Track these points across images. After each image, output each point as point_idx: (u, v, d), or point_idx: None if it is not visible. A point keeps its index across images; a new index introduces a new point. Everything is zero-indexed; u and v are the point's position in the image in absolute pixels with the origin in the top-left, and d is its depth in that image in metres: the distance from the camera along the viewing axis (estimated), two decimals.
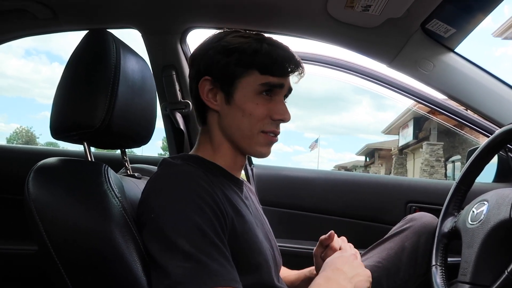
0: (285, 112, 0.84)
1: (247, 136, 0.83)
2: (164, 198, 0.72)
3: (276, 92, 0.84)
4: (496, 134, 1.04)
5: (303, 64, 0.87)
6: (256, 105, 0.82)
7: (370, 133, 65.23)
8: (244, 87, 0.82)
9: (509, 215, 0.86)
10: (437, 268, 1.05)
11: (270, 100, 0.83)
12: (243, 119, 0.82)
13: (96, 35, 0.88)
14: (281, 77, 0.83)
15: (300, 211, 1.66)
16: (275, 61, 0.81)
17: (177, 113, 1.43)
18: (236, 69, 0.82)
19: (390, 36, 1.20)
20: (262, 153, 0.86)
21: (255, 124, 0.82)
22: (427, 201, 1.56)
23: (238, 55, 0.81)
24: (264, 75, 0.81)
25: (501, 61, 50.29)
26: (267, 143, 0.85)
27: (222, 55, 0.82)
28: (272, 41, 0.84)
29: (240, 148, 0.86)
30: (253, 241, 0.80)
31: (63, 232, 0.71)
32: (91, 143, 0.88)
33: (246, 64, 0.81)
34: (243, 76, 0.82)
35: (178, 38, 1.35)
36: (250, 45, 0.81)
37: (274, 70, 0.81)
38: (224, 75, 0.83)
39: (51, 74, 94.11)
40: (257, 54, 0.81)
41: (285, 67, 0.82)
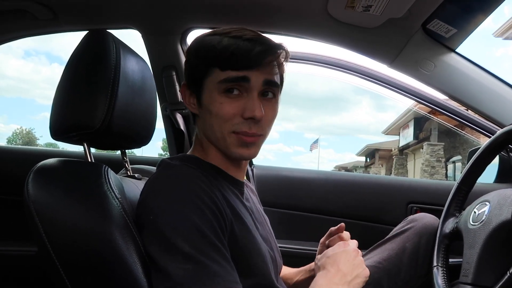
0: (255, 108, 0.75)
1: (220, 138, 0.80)
2: (163, 199, 0.71)
3: (247, 88, 0.76)
4: (497, 135, 1.03)
5: (278, 54, 0.78)
6: (220, 105, 0.77)
7: (371, 133, 65.24)
8: (209, 88, 0.78)
9: (510, 216, 0.86)
10: (438, 269, 1.04)
11: (240, 98, 0.77)
12: (211, 121, 0.79)
13: (96, 36, 0.87)
14: (243, 70, 0.75)
15: (300, 211, 1.66)
16: (232, 52, 0.74)
17: (177, 114, 1.43)
18: (200, 69, 0.78)
19: (391, 36, 1.20)
20: (239, 154, 0.80)
21: (223, 125, 0.77)
22: (428, 202, 1.55)
23: (201, 54, 0.78)
24: (224, 71, 0.75)
25: (502, 61, 50.32)
26: (241, 144, 0.79)
27: (192, 57, 0.81)
28: (237, 34, 0.76)
29: (220, 150, 0.83)
30: (252, 244, 0.80)
31: (63, 233, 0.71)
32: (91, 144, 0.87)
33: (208, 63, 0.77)
34: (207, 76, 0.78)
35: (178, 38, 1.34)
36: (210, 42, 0.77)
37: (233, 64, 0.74)
38: (193, 77, 0.81)
39: (51, 74, 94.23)
40: (214, 49, 0.75)
41: (245, 58, 0.74)
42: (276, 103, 0.83)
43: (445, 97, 1.34)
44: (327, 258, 0.81)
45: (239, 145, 0.79)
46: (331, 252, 0.82)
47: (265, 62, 0.76)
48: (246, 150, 0.80)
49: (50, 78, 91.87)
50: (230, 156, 0.83)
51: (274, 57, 0.78)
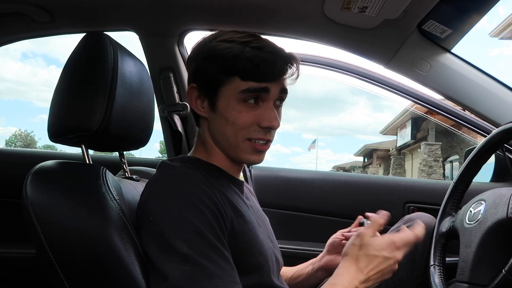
0: (273, 119, 0.80)
1: (233, 144, 0.81)
2: (162, 201, 0.72)
3: (264, 98, 0.80)
4: (493, 134, 1.04)
5: (296, 64, 0.82)
6: (238, 113, 0.78)
7: (368, 133, 65.31)
8: (226, 95, 0.79)
9: (506, 215, 0.87)
10: (435, 268, 1.05)
11: (257, 107, 0.80)
12: (227, 127, 0.80)
13: (93, 38, 0.88)
14: (264, 81, 0.78)
15: (298, 212, 1.66)
16: (256, 65, 0.76)
17: (175, 115, 1.43)
18: (217, 76, 0.79)
19: (387, 37, 1.21)
20: (250, 160, 0.83)
21: (239, 132, 0.80)
22: (425, 201, 1.56)
23: (219, 62, 0.78)
24: (245, 81, 0.77)
25: (497, 61, 50.53)
26: (254, 151, 0.82)
27: (205, 61, 0.81)
28: (258, 44, 0.78)
29: (229, 156, 0.85)
30: (253, 242, 0.80)
31: (61, 235, 0.71)
32: (89, 146, 0.88)
33: (227, 71, 0.78)
34: (225, 84, 0.79)
35: (175, 40, 1.35)
36: (231, 51, 0.77)
37: (255, 75, 0.77)
38: (207, 82, 0.81)
39: (49, 77, 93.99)
40: (237, 59, 0.77)
41: (269, 71, 0.77)
42: (281, 110, 0.86)
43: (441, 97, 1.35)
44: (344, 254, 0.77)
45: (252, 152, 0.82)
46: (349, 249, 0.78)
47: (286, 76, 0.80)
48: (257, 157, 0.83)
49: (47, 81, 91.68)
50: (239, 161, 0.85)
51: (293, 71, 0.82)
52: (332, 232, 1.61)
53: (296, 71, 0.83)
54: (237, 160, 0.85)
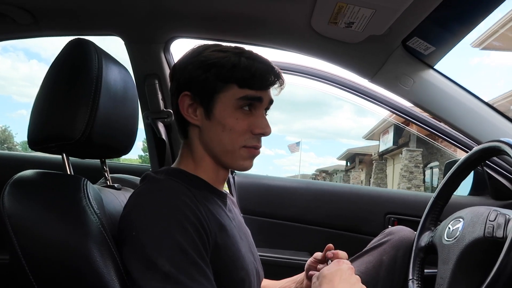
0: (266, 126, 0.84)
1: (229, 151, 0.83)
2: (146, 216, 0.71)
3: (256, 106, 0.83)
4: (472, 152, 1.06)
5: (283, 76, 0.86)
6: (236, 120, 0.81)
7: (351, 138, 65.94)
8: (223, 102, 0.81)
9: (483, 234, 0.88)
10: (413, 282, 1.07)
11: (250, 115, 0.83)
12: (223, 134, 0.82)
13: (77, 45, 0.86)
14: (260, 90, 0.82)
15: (281, 220, 1.67)
16: (253, 74, 0.80)
17: (159, 123, 1.42)
18: (214, 84, 0.81)
19: (372, 52, 1.22)
20: (244, 166, 0.85)
21: (236, 139, 0.82)
22: (405, 213, 1.59)
23: (216, 70, 0.80)
24: (242, 89, 0.81)
25: (477, 70, 51.72)
26: (249, 157, 0.85)
27: (200, 70, 0.82)
28: (250, 55, 0.83)
29: (222, 163, 0.85)
30: (236, 257, 0.80)
31: (40, 249, 0.69)
32: (70, 154, 0.86)
33: (225, 79, 0.80)
34: (222, 91, 0.81)
35: (161, 47, 1.34)
36: (229, 60, 0.80)
37: (252, 84, 0.81)
38: (203, 90, 0.82)
39: (29, 71, 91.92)
40: (235, 68, 0.80)
41: (264, 80, 0.82)
42: None
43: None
44: (323, 277, 0.81)
45: (247, 158, 0.85)
46: (327, 272, 0.82)
47: (276, 86, 0.85)
48: (250, 162, 0.86)
49: (28, 75, 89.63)
50: (232, 168, 0.88)
51: (281, 82, 0.86)
52: (313, 241, 1.63)
53: (283, 82, 0.87)
54: (229, 167, 0.87)
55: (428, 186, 15.27)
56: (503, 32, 9.24)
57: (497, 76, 45.11)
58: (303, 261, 1.54)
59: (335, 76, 1.49)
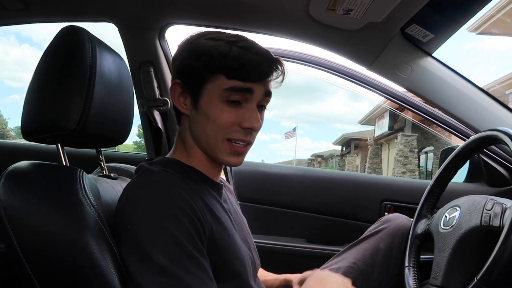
0: (255, 120, 0.79)
1: (212, 144, 0.80)
2: (141, 209, 0.70)
3: (247, 99, 0.78)
4: (469, 141, 1.06)
5: (281, 68, 0.81)
6: (220, 112, 0.77)
7: (346, 123, 66.16)
8: (209, 93, 0.78)
9: (479, 223, 0.89)
10: (409, 269, 1.08)
11: (240, 107, 0.79)
12: (207, 126, 0.79)
13: (70, 33, 0.84)
14: (249, 82, 0.77)
15: (277, 207, 1.67)
16: (242, 65, 0.76)
17: (155, 111, 1.40)
18: (202, 73, 0.78)
19: (370, 40, 1.21)
20: (228, 162, 0.81)
21: (219, 132, 0.78)
22: (402, 200, 1.59)
23: (205, 59, 0.77)
24: (230, 80, 0.76)
25: (471, 55, 51.63)
26: (233, 153, 0.80)
27: (191, 58, 0.80)
28: (245, 44, 0.78)
29: (208, 155, 0.83)
30: (232, 248, 0.80)
31: (37, 241, 0.69)
32: (65, 144, 0.85)
33: (212, 69, 0.77)
34: (209, 81, 0.78)
35: (156, 34, 1.31)
36: (218, 49, 0.77)
37: (241, 75, 0.76)
38: (191, 79, 0.80)
39: (21, 56, 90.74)
40: (224, 58, 0.76)
41: (255, 72, 0.77)
42: (264, 113, 0.85)
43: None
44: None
45: (231, 154, 0.81)
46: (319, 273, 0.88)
47: (271, 78, 0.80)
48: (235, 158, 0.82)
49: (20, 60, 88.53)
50: (218, 162, 0.84)
51: (278, 74, 0.81)
52: (310, 228, 1.64)
53: (281, 74, 0.82)
54: (216, 161, 0.84)
55: (422, 171, 15.40)
56: (500, 17, 9.19)
57: (491, 61, 45.13)
58: (300, 247, 1.56)
59: (330, 62, 1.47)
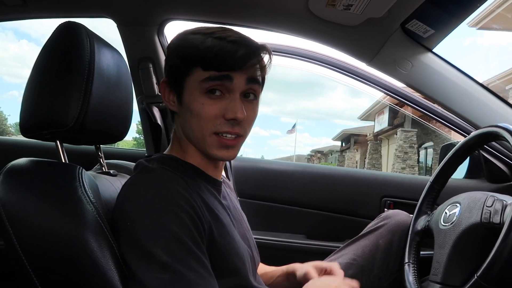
0: (237, 110, 0.75)
1: (200, 138, 0.79)
2: (140, 206, 0.70)
3: (228, 89, 0.76)
4: (469, 137, 1.06)
5: (265, 55, 0.79)
6: (201, 105, 0.76)
7: (345, 118, 66.21)
8: (190, 87, 0.77)
9: (480, 219, 0.89)
10: (409, 266, 1.08)
11: (222, 99, 0.76)
12: (192, 121, 0.78)
13: (68, 29, 0.83)
14: (226, 70, 0.75)
15: (277, 203, 1.67)
16: (215, 54, 0.74)
17: (154, 107, 1.40)
18: (182, 68, 0.78)
19: (371, 35, 1.20)
20: (219, 156, 0.79)
21: (204, 126, 0.77)
22: (401, 196, 1.59)
23: (183, 54, 0.77)
24: (207, 71, 0.75)
25: (470, 51, 51.52)
26: (221, 146, 0.78)
27: (173, 55, 0.80)
28: (221, 34, 0.76)
29: (200, 151, 0.82)
30: (231, 246, 0.80)
31: (36, 239, 0.68)
32: (64, 141, 0.84)
33: (190, 62, 0.76)
34: (188, 75, 0.77)
35: (155, 29, 1.30)
36: (193, 42, 0.76)
37: (215, 64, 0.74)
38: (174, 75, 0.80)
39: (20, 51, 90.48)
40: (197, 49, 0.75)
41: (229, 58, 0.74)
42: (256, 105, 0.83)
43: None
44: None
45: (220, 147, 0.78)
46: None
47: (249, 64, 0.76)
48: (226, 152, 0.79)
49: (18, 55, 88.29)
50: (210, 157, 0.82)
51: (258, 59, 0.78)
52: (310, 224, 1.64)
53: (260, 62, 0.79)
54: (207, 155, 0.82)
55: (422, 167, 15.41)
56: (500, 12, 9.16)
57: (490, 56, 45.07)
58: (299, 243, 1.56)
59: (330, 58, 1.47)
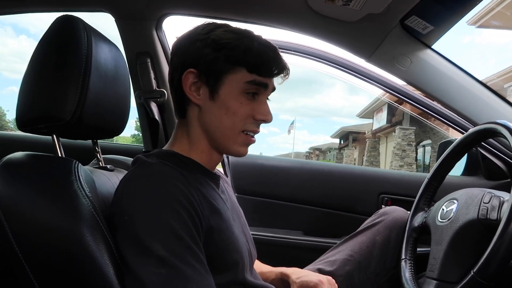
0: (268, 113, 0.84)
1: (228, 135, 0.82)
2: (138, 201, 0.70)
3: (260, 93, 0.83)
4: (467, 134, 1.06)
5: (288, 66, 0.86)
6: (240, 104, 0.81)
7: (344, 116, 66.19)
8: (230, 84, 0.80)
9: (477, 216, 0.89)
10: (406, 262, 1.08)
11: (254, 100, 0.82)
12: (225, 117, 0.81)
13: (65, 22, 0.82)
14: (267, 77, 0.82)
15: (275, 200, 1.67)
16: (264, 61, 0.80)
17: (152, 102, 1.39)
18: (224, 65, 0.80)
19: (370, 31, 1.20)
20: (240, 152, 0.85)
21: (237, 123, 0.81)
22: (399, 193, 1.59)
23: (228, 51, 0.79)
24: (251, 74, 0.80)
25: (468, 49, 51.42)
26: (246, 144, 0.84)
27: (211, 49, 0.80)
28: (262, 41, 0.82)
29: (218, 146, 0.84)
30: (230, 240, 0.80)
31: (32, 233, 0.68)
32: (61, 135, 0.84)
33: (236, 61, 0.79)
34: (230, 73, 0.80)
35: (153, 24, 1.29)
36: (242, 42, 0.80)
37: (261, 70, 0.80)
38: (211, 69, 0.80)
39: (19, 47, 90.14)
40: (247, 52, 0.79)
41: (273, 68, 0.82)
42: None
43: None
44: None
45: (243, 144, 0.84)
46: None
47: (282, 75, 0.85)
48: (245, 149, 0.86)
49: (17, 51, 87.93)
50: (227, 153, 0.87)
51: (287, 71, 0.86)
52: (307, 220, 1.64)
53: (288, 73, 0.87)
54: (224, 151, 0.86)
55: (420, 164, 15.43)
56: (500, 10, 9.15)
57: (488, 55, 45.07)
58: (297, 240, 1.56)
59: (329, 54, 1.46)
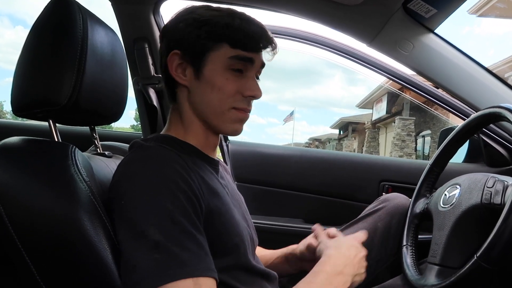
0: (256, 88, 0.82)
1: (218, 113, 0.81)
2: (135, 184, 0.69)
3: (247, 68, 0.81)
4: (471, 119, 1.05)
5: (276, 41, 0.84)
6: (226, 80, 0.79)
7: (343, 106, 66.14)
8: (213, 61, 0.79)
9: (480, 200, 0.88)
10: (407, 248, 1.07)
11: (241, 77, 0.81)
12: (212, 95, 0.79)
13: (59, 5, 0.81)
14: (252, 52, 0.80)
15: (275, 188, 1.67)
16: (246, 35, 0.78)
17: (150, 88, 1.37)
18: (206, 42, 0.79)
19: (372, 15, 1.17)
20: (234, 130, 0.84)
21: (225, 100, 0.80)
22: (400, 180, 1.59)
23: (209, 28, 0.78)
24: (234, 49, 0.78)
25: (467, 39, 51.20)
26: (239, 120, 0.83)
27: (192, 27, 0.79)
28: (244, 16, 0.81)
29: (211, 126, 0.83)
30: (230, 223, 0.79)
31: (28, 218, 0.67)
32: (57, 121, 0.83)
33: (217, 37, 0.78)
34: (213, 50, 0.79)
35: (151, 8, 1.27)
36: (222, 18, 0.79)
37: (245, 45, 0.79)
38: (193, 48, 0.79)
39: (15, 38, 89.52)
40: (228, 27, 0.78)
41: (257, 42, 0.80)
42: None
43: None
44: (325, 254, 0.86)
45: (237, 121, 0.83)
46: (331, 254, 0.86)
47: (269, 49, 0.83)
48: (239, 126, 0.84)
49: (14, 42, 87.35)
50: (222, 132, 0.85)
51: (275, 46, 0.84)
52: (308, 208, 1.64)
53: (275, 47, 0.84)
54: (218, 131, 0.84)
55: (419, 155, 15.46)
56: None
57: (487, 45, 44.90)
58: (297, 228, 1.56)
59: (330, 40, 1.45)
